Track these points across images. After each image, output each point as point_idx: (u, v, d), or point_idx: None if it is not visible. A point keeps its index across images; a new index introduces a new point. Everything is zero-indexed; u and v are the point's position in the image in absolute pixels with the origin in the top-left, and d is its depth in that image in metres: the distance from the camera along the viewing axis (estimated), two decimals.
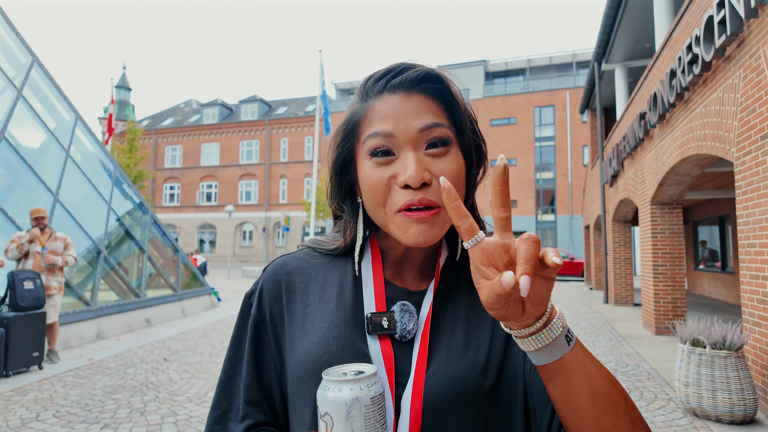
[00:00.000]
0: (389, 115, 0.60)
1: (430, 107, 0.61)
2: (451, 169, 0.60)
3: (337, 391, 0.47)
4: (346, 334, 0.62)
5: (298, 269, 0.70)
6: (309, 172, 32.66)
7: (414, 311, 0.64)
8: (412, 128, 0.59)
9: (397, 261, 0.69)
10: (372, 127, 0.61)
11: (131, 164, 22.76)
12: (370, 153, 0.61)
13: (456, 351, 0.62)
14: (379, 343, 0.62)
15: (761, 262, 3.92)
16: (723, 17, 4.34)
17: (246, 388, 0.66)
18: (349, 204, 0.70)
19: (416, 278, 0.69)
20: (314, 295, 0.67)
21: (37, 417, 3.61)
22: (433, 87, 0.62)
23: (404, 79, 0.61)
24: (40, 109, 7.21)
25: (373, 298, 0.66)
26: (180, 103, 41.46)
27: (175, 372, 5.00)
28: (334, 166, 0.67)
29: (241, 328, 0.70)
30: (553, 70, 30.18)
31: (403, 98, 0.60)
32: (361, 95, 0.64)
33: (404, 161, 0.59)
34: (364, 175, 0.62)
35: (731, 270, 11.80)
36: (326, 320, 0.64)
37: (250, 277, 20.59)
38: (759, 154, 3.91)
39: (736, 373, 3.67)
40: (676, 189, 7.07)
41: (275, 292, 0.69)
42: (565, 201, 26.56)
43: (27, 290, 4.80)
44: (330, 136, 0.69)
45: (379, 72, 0.63)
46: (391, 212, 0.60)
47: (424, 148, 0.60)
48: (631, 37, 10.01)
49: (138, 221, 9.18)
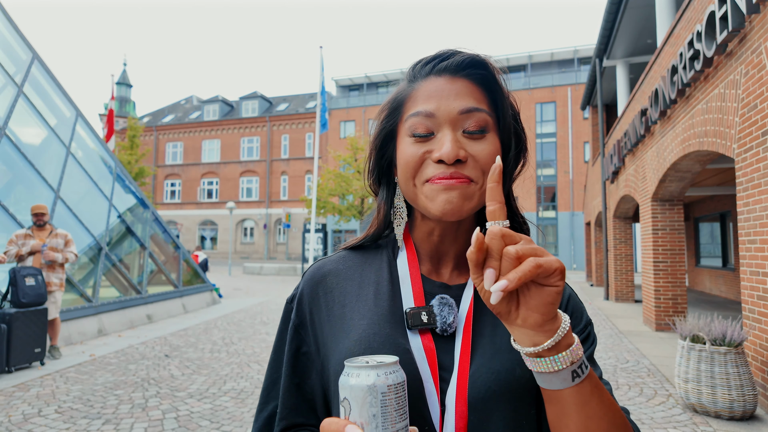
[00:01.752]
0: (433, 95, 0.62)
1: (473, 92, 0.62)
2: (486, 151, 0.61)
3: (356, 377, 0.48)
4: (386, 330, 0.62)
5: (335, 271, 0.71)
6: (310, 169, 32.66)
7: (453, 304, 0.64)
8: (453, 109, 0.60)
9: (432, 255, 0.69)
10: (416, 107, 0.62)
11: (132, 161, 22.78)
12: (410, 131, 0.62)
13: (500, 345, 0.61)
14: (420, 338, 0.62)
15: (762, 258, 3.92)
16: (725, 13, 4.32)
17: (285, 392, 0.66)
18: (385, 183, 0.71)
19: (454, 273, 0.69)
20: (351, 295, 0.68)
21: (40, 412, 3.63)
22: (478, 73, 0.63)
23: (450, 63, 0.62)
24: (41, 105, 7.21)
25: (411, 293, 0.66)
26: (181, 100, 41.46)
27: (177, 368, 5.02)
28: (375, 141, 0.69)
29: (282, 332, 0.71)
30: (555, 66, 30.09)
31: (447, 81, 0.62)
32: (409, 78, 0.66)
33: (441, 139, 0.60)
34: (401, 150, 0.64)
35: (732, 266, 11.79)
36: (365, 318, 0.64)
37: (251, 273, 20.63)
38: (760, 150, 3.90)
39: (735, 369, 3.67)
40: (677, 185, 7.06)
41: (313, 294, 0.69)
42: (566, 197, 26.54)
43: (29, 286, 4.82)
44: (377, 110, 0.71)
45: (428, 56, 0.65)
46: (420, 183, 0.62)
47: (462, 130, 0.61)
48: (632, 33, 9.97)
49: (139, 218, 9.19)
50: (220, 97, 37.15)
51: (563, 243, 26.34)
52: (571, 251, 26.12)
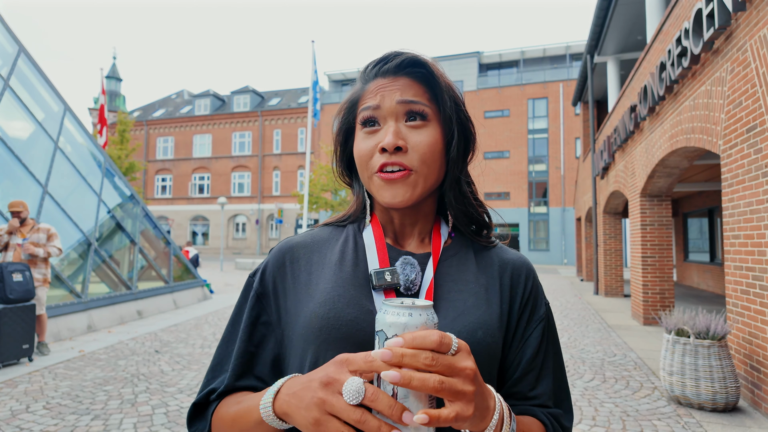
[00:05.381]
0: (377, 92, 0.69)
1: (412, 87, 0.68)
2: (426, 141, 0.67)
3: (392, 315, 0.50)
4: (351, 292, 0.65)
5: (302, 243, 0.74)
6: (302, 164, 32.54)
7: (416, 263, 0.69)
8: (393, 100, 0.67)
9: (397, 232, 0.74)
10: (365, 103, 0.70)
11: (122, 156, 22.54)
12: (361, 123, 0.70)
13: (462, 309, 0.65)
14: (384, 298, 0.64)
15: (745, 253, 3.98)
16: (711, 10, 4.36)
17: (237, 358, 0.68)
18: (355, 173, 0.78)
19: (419, 245, 0.74)
20: (317, 264, 0.71)
21: (27, 408, 3.62)
22: (417, 71, 0.69)
23: (392, 65, 0.69)
24: (28, 99, 7.11)
25: (376, 257, 0.69)
26: (171, 94, 41.05)
27: (167, 363, 5.01)
28: (338, 137, 0.77)
29: (241, 305, 0.73)
30: (547, 62, 30.15)
31: (390, 80, 0.69)
32: (361, 80, 0.73)
33: (386, 130, 0.67)
34: (356, 143, 0.71)
35: (719, 261, 11.95)
36: (329, 282, 0.67)
37: (243, 269, 20.57)
38: (745, 146, 3.96)
39: (719, 362, 3.74)
40: (665, 181, 7.14)
41: (279, 264, 0.72)
42: (557, 193, 26.69)
43: (16, 282, 4.78)
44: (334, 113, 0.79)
45: (375, 60, 0.72)
46: (371, 173, 0.68)
47: (404, 120, 0.68)
48: (623, 29, 10.02)
49: (129, 213, 9.12)
50: (211, 92, 36.83)
51: (554, 238, 26.52)
52: (562, 246, 26.31)
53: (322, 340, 0.62)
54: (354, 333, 0.62)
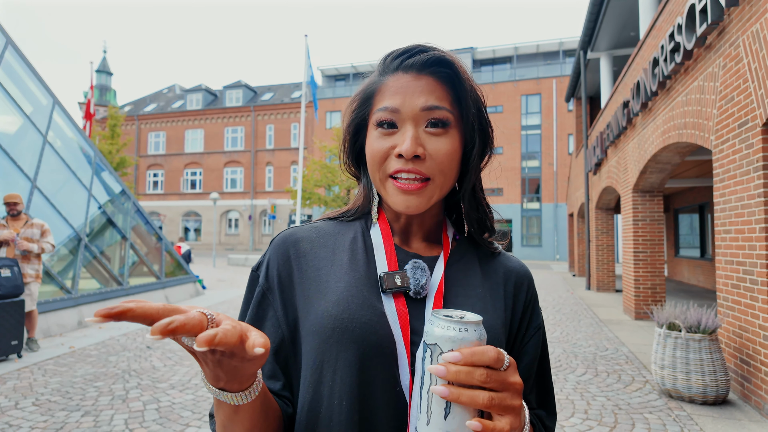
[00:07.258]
0: (398, 92, 0.65)
1: (436, 89, 0.65)
2: (445, 149, 0.64)
3: (439, 328, 0.50)
4: (364, 293, 0.64)
5: (307, 237, 0.72)
6: (295, 160, 32.40)
7: (426, 268, 0.67)
8: (415, 106, 0.64)
9: (403, 231, 0.73)
10: (383, 101, 0.66)
11: (113, 151, 22.29)
12: (377, 124, 0.66)
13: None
14: (394, 301, 0.64)
15: (736, 248, 4.01)
16: (704, 6, 4.38)
17: None
18: (363, 165, 0.75)
19: (425, 247, 0.72)
20: (326, 260, 0.69)
21: (16, 405, 3.57)
22: (442, 71, 0.65)
23: (417, 61, 0.65)
24: (16, 92, 6.99)
25: (385, 259, 0.68)
26: (163, 89, 40.66)
27: (158, 359, 4.97)
28: (348, 129, 0.73)
29: (248, 301, 0.71)
30: (540, 59, 30.19)
31: (413, 78, 0.65)
32: (380, 71, 0.69)
33: (404, 134, 0.64)
34: (369, 142, 0.68)
35: (710, 257, 12.07)
36: (342, 281, 0.65)
37: (235, 265, 20.48)
38: (736, 141, 3.98)
39: (709, 355, 3.78)
40: (657, 177, 7.18)
41: (283, 257, 0.70)
42: (550, 189, 26.81)
43: (4, 278, 4.71)
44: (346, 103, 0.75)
45: (397, 50, 0.68)
46: (383, 176, 0.66)
47: (425, 126, 0.64)
48: (616, 25, 10.05)
49: (120, 209, 9.03)
50: (203, 86, 36.52)
51: (547, 234, 26.65)
52: (555, 242, 26.45)
53: (335, 340, 0.61)
54: (367, 335, 0.61)
